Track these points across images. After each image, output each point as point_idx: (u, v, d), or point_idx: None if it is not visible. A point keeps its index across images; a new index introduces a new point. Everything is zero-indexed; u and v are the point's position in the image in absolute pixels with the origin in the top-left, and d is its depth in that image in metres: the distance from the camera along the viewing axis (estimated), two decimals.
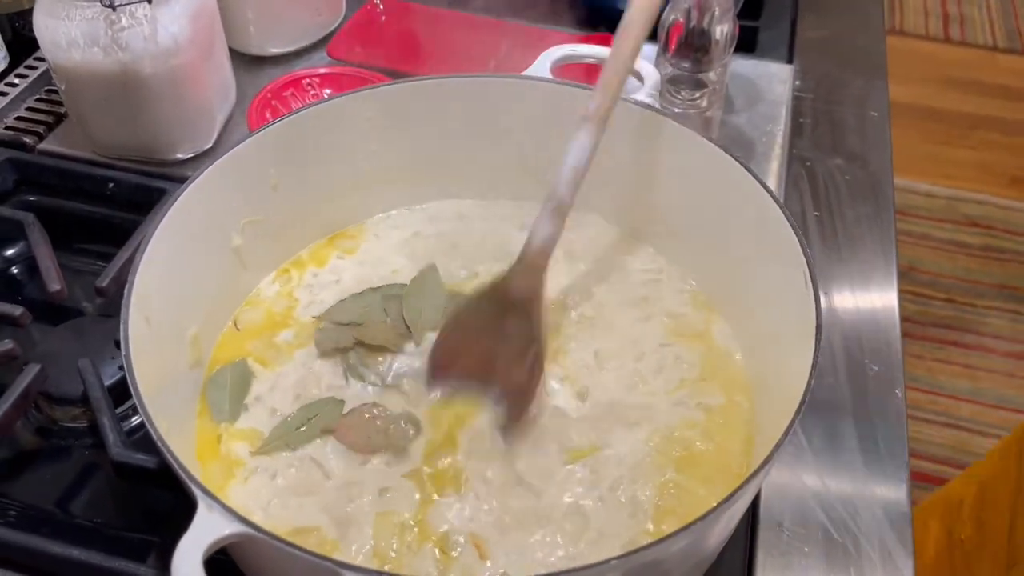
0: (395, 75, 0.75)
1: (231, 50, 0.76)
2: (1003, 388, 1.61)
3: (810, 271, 0.46)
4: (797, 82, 0.83)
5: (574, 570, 0.35)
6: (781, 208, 0.50)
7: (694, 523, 0.37)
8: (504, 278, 0.50)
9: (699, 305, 0.58)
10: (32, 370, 0.54)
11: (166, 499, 0.52)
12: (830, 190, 0.74)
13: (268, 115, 0.74)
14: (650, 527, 0.47)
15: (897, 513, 0.54)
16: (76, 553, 0.48)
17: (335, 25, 0.85)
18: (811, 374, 0.42)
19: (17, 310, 0.58)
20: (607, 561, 0.35)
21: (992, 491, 0.82)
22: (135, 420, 0.57)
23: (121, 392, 0.56)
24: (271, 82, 0.77)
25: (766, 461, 0.39)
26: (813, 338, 0.43)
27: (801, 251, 0.47)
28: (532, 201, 0.62)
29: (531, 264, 0.50)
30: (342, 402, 0.52)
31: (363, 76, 0.77)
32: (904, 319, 0.64)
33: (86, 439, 0.57)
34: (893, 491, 0.55)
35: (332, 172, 0.60)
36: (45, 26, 0.65)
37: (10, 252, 0.68)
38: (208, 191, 0.52)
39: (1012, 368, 1.64)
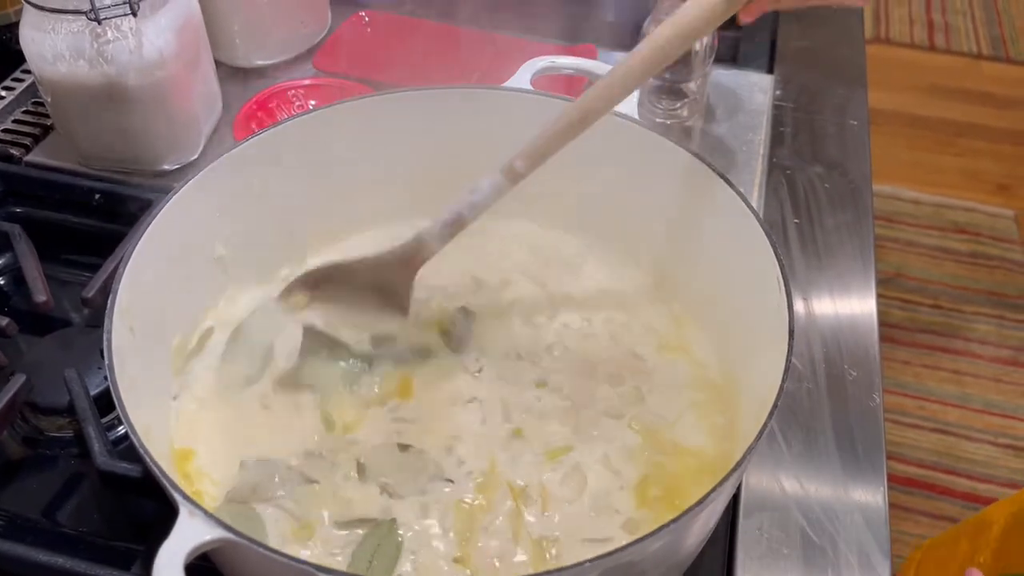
0: (380, 87, 0.75)
1: (217, 62, 0.77)
2: (990, 393, 1.62)
3: (783, 274, 0.47)
4: (778, 92, 0.84)
5: (547, 573, 0.35)
6: (753, 212, 0.50)
7: (669, 524, 0.37)
8: (382, 263, 0.55)
9: (676, 314, 0.59)
10: (18, 380, 0.55)
11: (151, 508, 0.52)
12: (810, 198, 0.74)
13: (254, 126, 0.75)
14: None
15: (875, 516, 0.54)
16: (61, 561, 0.48)
17: (321, 37, 0.86)
18: (784, 376, 0.42)
19: (3, 321, 0.58)
20: (582, 563, 0.36)
21: (1019, 522, 0.83)
22: (121, 430, 0.57)
23: (107, 402, 0.56)
24: (257, 93, 0.77)
25: (740, 463, 0.40)
26: (786, 343, 0.44)
27: (774, 254, 0.48)
28: (512, 216, 0.63)
29: (410, 262, 0.55)
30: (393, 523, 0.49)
31: (348, 87, 0.78)
32: (892, 325, 0.65)
33: (72, 449, 0.57)
34: (871, 494, 0.55)
35: (316, 183, 0.60)
36: (31, 39, 0.65)
37: None
38: (192, 202, 0.52)
39: (999, 373, 1.65)
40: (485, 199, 0.53)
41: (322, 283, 0.56)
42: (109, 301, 0.45)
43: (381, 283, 0.56)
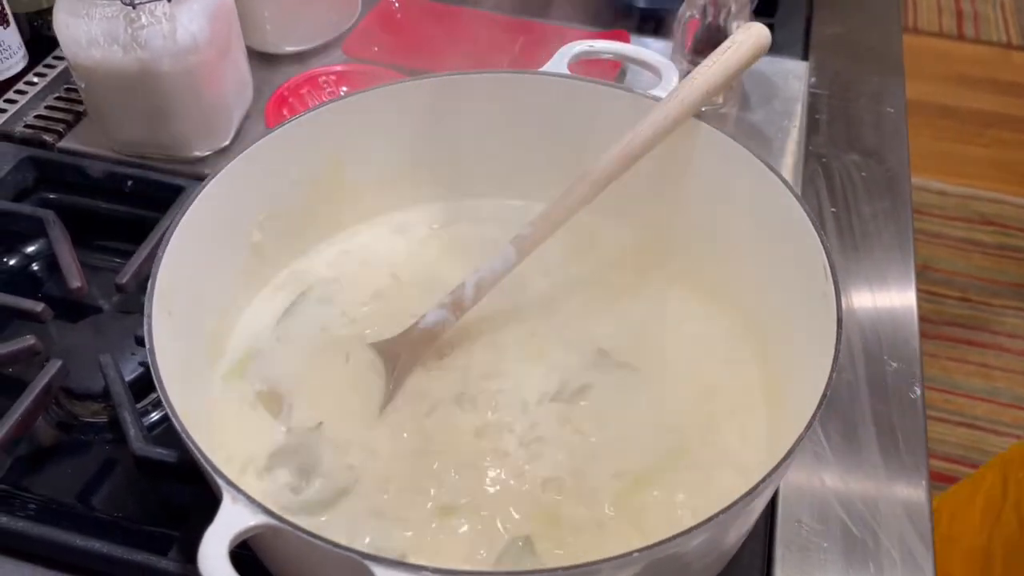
0: (411, 72, 0.74)
1: (248, 48, 0.76)
2: (1018, 387, 1.60)
3: (829, 263, 0.46)
4: (813, 79, 0.83)
5: (594, 563, 0.35)
6: (799, 200, 0.49)
7: (714, 517, 0.37)
8: (390, 344, 0.54)
9: (718, 304, 0.58)
10: (54, 365, 0.55)
11: (185, 493, 0.52)
12: (846, 186, 0.73)
13: (285, 112, 0.75)
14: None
15: (917, 509, 0.53)
16: (98, 546, 0.48)
17: (351, 23, 0.85)
18: (832, 367, 0.42)
19: (38, 306, 0.58)
20: (629, 554, 0.35)
21: None
22: (154, 415, 0.57)
23: (140, 387, 0.57)
24: (287, 80, 0.77)
25: (788, 455, 0.39)
26: (834, 332, 0.43)
27: (820, 242, 0.47)
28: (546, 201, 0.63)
29: (416, 341, 0.54)
30: None
31: (379, 74, 0.77)
32: (919, 318, 0.64)
33: (106, 434, 0.57)
34: (913, 487, 0.54)
35: (349, 169, 0.60)
36: (66, 24, 0.65)
37: (31, 249, 0.69)
38: (229, 186, 0.52)
39: None
40: (493, 273, 0.53)
41: None
42: (148, 284, 0.45)
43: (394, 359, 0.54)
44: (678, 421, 0.52)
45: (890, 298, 0.65)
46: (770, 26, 0.87)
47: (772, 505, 0.53)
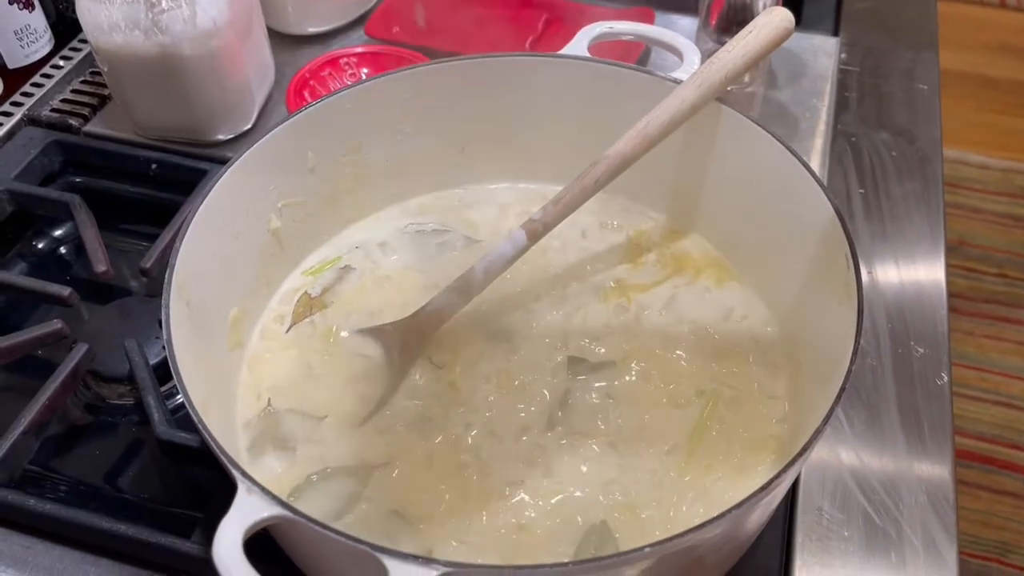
0: (432, 53, 0.74)
1: (269, 30, 0.76)
2: None
3: (852, 253, 0.45)
4: (843, 55, 0.81)
5: (610, 556, 0.35)
6: (822, 188, 0.49)
7: (730, 511, 0.36)
8: (396, 327, 0.55)
9: (739, 287, 0.57)
10: (81, 349, 0.56)
11: (210, 476, 0.53)
12: (876, 166, 0.72)
13: (306, 95, 0.75)
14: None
15: (941, 500, 0.53)
16: (123, 528, 0.49)
17: (372, 4, 0.85)
18: (852, 360, 0.41)
19: (65, 290, 0.59)
20: (641, 548, 0.35)
21: None
22: (179, 399, 0.58)
23: (165, 371, 0.57)
24: (309, 62, 0.77)
25: (805, 448, 0.38)
26: (854, 322, 0.42)
27: (843, 231, 0.46)
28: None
29: (423, 324, 0.54)
30: None
31: (400, 55, 0.77)
32: (954, 295, 0.63)
33: (132, 416, 0.58)
34: (937, 476, 0.54)
35: (368, 155, 0.60)
36: (88, 9, 0.66)
37: (58, 232, 0.70)
38: (246, 174, 0.52)
39: None
40: (503, 258, 0.53)
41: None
42: (167, 275, 0.45)
43: (397, 346, 0.54)
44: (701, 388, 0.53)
45: (919, 282, 0.64)
46: (799, 1, 0.86)
47: (792, 493, 0.53)
